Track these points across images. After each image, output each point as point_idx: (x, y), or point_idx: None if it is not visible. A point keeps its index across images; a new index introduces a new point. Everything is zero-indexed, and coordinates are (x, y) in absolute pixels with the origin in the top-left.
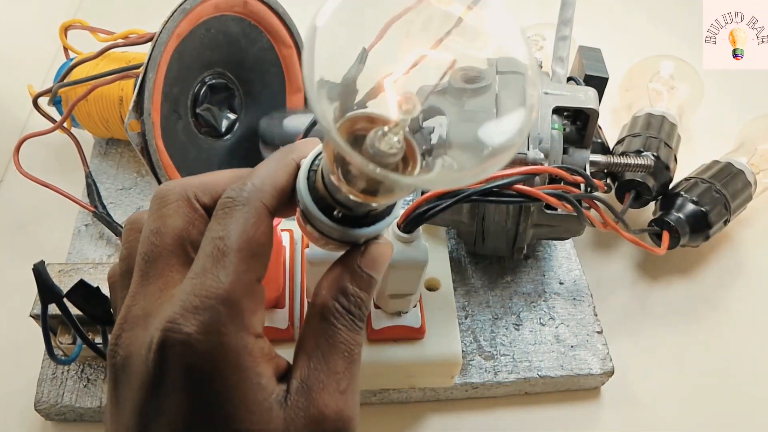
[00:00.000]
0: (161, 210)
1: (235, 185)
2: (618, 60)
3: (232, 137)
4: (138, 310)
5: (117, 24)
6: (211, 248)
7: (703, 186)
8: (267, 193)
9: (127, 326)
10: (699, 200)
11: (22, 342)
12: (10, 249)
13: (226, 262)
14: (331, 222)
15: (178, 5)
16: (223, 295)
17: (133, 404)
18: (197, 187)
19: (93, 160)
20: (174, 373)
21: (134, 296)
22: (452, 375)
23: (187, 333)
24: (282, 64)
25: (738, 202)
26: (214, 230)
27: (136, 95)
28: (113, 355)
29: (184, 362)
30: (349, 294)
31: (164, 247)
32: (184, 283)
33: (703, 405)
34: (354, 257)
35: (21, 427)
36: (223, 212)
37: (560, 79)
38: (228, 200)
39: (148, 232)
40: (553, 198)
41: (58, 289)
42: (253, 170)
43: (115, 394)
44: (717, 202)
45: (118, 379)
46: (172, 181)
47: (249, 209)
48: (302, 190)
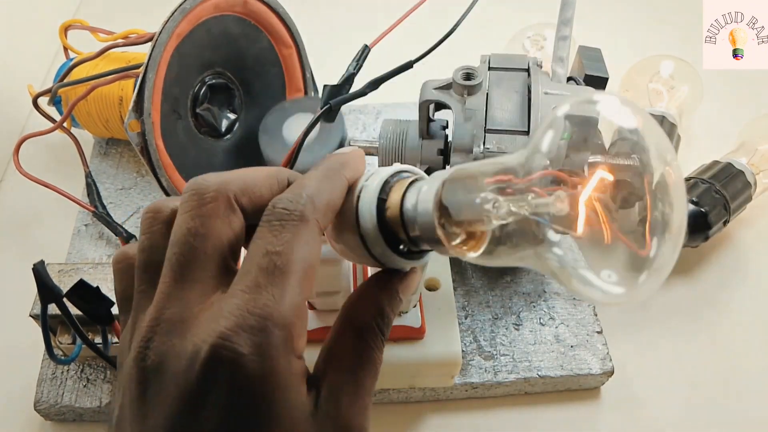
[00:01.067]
0: (201, 209)
1: (289, 195)
2: (618, 60)
3: (232, 137)
4: (173, 315)
5: (117, 24)
6: (266, 263)
7: (703, 186)
8: (321, 212)
9: (161, 330)
10: (699, 201)
11: (21, 342)
12: (10, 249)
13: (282, 281)
14: (396, 255)
15: (178, 5)
16: (278, 318)
17: (166, 413)
18: (237, 186)
19: (93, 160)
20: (220, 391)
21: (168, 298)
22: (452, 375)
23: (241, 353)
24: (282, 64)
25: (738, 202)
26: (269, 243)
27: (136, 95)
28: (142, 358)
29: (233, 382)
30: (385, 316)
31: (203, 251)
32: (235, 295)
33: (702, 405)
34: (394, 282)
35: (21, 427)
36: (279, 224)
37: (560, 79)
38: (284, 212)
39: (185, 230)
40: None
41: (57, 289)
42: (304, 180)
43: (142, 398)
44: (717, 202)
45: (148, 384)
46: (209, 177)
47: (306, 227)
48: (369, 219)
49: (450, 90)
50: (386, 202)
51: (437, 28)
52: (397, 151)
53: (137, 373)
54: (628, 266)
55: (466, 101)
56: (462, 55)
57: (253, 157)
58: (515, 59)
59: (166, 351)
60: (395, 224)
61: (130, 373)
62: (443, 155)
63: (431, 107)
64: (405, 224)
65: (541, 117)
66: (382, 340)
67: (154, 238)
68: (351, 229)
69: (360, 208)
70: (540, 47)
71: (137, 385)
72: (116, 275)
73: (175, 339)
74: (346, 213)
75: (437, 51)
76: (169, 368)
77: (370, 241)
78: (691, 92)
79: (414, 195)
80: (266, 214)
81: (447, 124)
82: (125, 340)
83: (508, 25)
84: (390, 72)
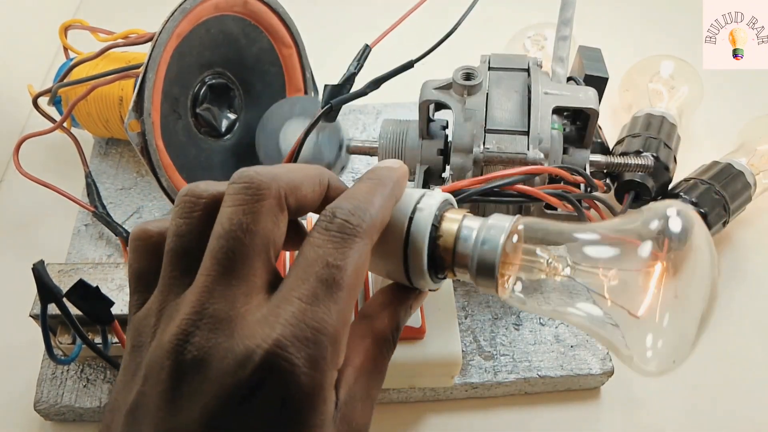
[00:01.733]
0: (254, 204)
1: (350, 207)
2: (618, 60)
3: (232, 137)
4: (218, 311)
5: (117, 24)
6: (326, 275)
7: (703, 187)
8: (377, 230)
9: (204, 326)
10: (698, 201)
11: (21, 342)
12: (9, 249)
13: (338, 296)
14: (431, 281)
15: (178, 5)
16: (331, 333)
17: (205, 410)
18: (287, 186)
19: (93, 160)
20: (268, 398)
21: (211, 293)
22: (452, 375)
23: (295, 364)
24: (282, 64)
25: (737, 203)
26: (331, 255)
27: (135, 95)
28: (180, 351)
29: (282, 391)
30: (400, 329)
31: (252, 249)
32: (292, 302)
33: (702, 405)
34: (409, 298)
35: (20, 427)
36: (341, 237)
37: (560, 79)
38: (347, 225)
39: (235, 225)
40: (554, 198)
41: (57, 289)
42: (360, 192)
43: (175, 391)
44: (716, 203)
45: (183, 378)
46: (261, 170)
47: (365, 245)
48: (420, 244)
49: (450, 90)
50: (438, 230)
51: (437, 28)
52: (397, 151)
53: (172, 365)
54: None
55: (466, 101)
56: (462, 55)
57: (253, 157)
58: (515, 59)
59: (211, 348)
60: (444, 252)
61: (161, 363)
62: (443, 155)
63: (431, 107)
64: (455, 254)
65: (541, 116)
66: (393, 351)
67: (194, 224)
68: (394, 247)
69: (413, 232)
70: (540, 47)
71: (170, 377)
72: (133, 252)
73: (221, 337)
74: (391, 230)
75: (437, 51)
76: (212, 366)
77: (412, 262)
78: (691, 92)
79: (474, 230)
80: (324, 220)
81: (447, 124)
82: (148, 323)
83: (508, 25)
84: (391, 72)
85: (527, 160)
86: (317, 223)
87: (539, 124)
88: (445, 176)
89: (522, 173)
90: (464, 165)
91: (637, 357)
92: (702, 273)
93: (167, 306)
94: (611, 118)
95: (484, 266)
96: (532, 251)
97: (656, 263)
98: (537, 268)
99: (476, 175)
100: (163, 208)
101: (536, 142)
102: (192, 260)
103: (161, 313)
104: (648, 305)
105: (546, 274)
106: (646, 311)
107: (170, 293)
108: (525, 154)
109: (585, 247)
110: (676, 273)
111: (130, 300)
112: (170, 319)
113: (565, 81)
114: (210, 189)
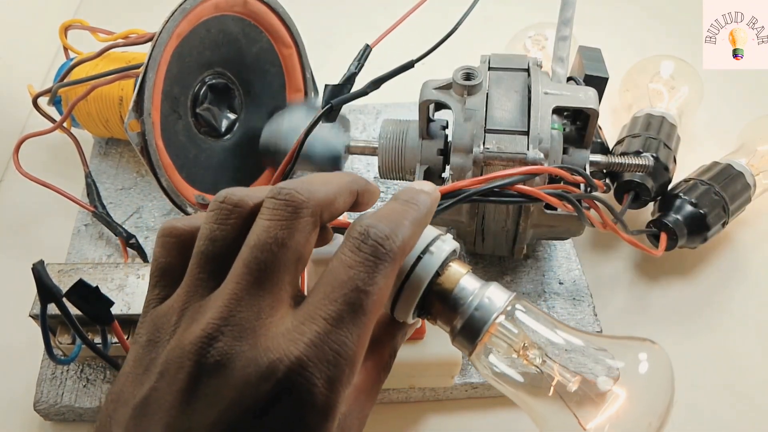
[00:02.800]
0: (292, 221)
1: (386, 230)
2: (618, 60)
3: (232, 137)
4: (244, 320)
5: (117, 24)
6: (354, 299)
7: (703, 188)
8: (405, 256)
9: (229, 332)
10: (698, 202)
11: (21, 342)
12: (9, 249)
13: (362, 321)
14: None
15: (178, 5)
16: (351, 356)
17: (221, 415)
18: (323, 202)
19: (93, 160)
20: (285, 413)
21: (240, 301)
22: (452, 375)
23: (314, 384)
24: (282, 64)
25: (737, 204)
26: (361, 279)
27: (136, 95)
28: (203, 353)
29: (300, 409)
30: (395, 355)
31: (284, 263)
32: (317, 322)
33: (702, 405)
34: (406, 326)
35: (20, 426)
36: (373, 260)
37: (560, 79)
38: (381, 250)
39: (271, 239)
40: (554, 198)
41: (57, 289)
42: (395, 213)
43: (192, 391)
44: (716, 204)
45: (201, 380)
46: (301, 187)
47: (394, 270)
48: (420, 283)
49: (450, 90)
50: (440, 276)
51: (437, 28)
52: (397, 151)
53: (193, 366)
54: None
55: (466, 101)
56: (462, 55)
57: (252, 157)
58: (515, 59)
59: (234, 355)
60: (435, 296)
61: (180, 362)
62: (443, 155)
63: (431, 107)
64: (448, 303)
65: (541, 116)
66: (388, 374)
67: (228, 231)
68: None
69: (417, 271)
70: (541, 47)
71: (188, 377)
72: (161, 247)
73: (245, 345)
74: None
75: (437, 51)
76: (233, 373)
77: (405, 295)
78: (692, 93)
79: (472, 293)
80: (358, 238)
81: (447, 124)
82: (169, 320)
83: (508, 25)
84: (391, 72)
85: (527, 160)
86: (349, 239)
87: (539, 124)
88: (445, 176)
89: (522, 173)
90: (464, 165)
91: None
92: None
93: (190, 306)
94: (611, 118)
95: (470, 329)
96: (513, 332)
97: (616, 391)
98: (513, 348)
99: (476, 175)
100: (163, 208)
101: (536, 142)
102: (220, 265)
103: (183, 312)
104: (598, 423)
105: (519, 356)
106: (595, 427)
107: (195, 294)
108: (525, 154)
109: (563, 349)
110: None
111: (150, 293)
112: (193, 320)
113: (565, 81)
114: (246, 198)
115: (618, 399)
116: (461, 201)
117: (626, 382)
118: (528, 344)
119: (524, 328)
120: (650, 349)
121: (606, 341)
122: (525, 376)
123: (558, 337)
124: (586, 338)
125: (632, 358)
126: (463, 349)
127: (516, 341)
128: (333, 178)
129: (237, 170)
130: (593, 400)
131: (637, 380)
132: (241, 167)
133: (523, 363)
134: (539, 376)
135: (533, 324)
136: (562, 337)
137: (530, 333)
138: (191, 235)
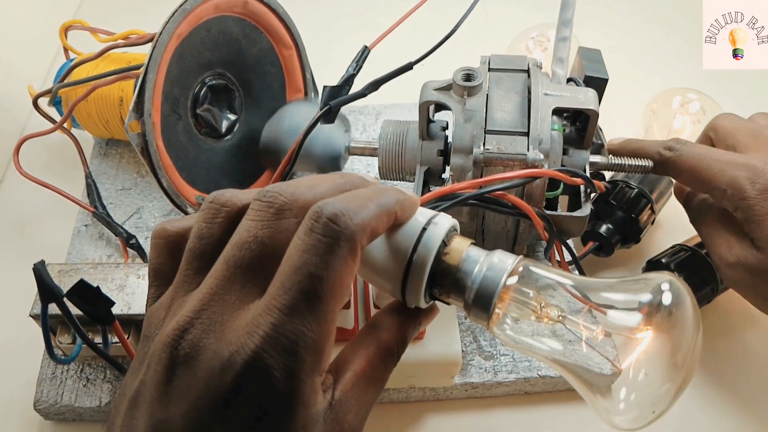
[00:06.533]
0: (274, 222)
1: (341, 207)
2: (618, 60)
3: (232, 138)
4: (216, 314)
5: (117, 24)
6: (308, 286)
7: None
8: (366, 236)
9: (200, 325)
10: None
11: (21, 342)
12: (10, 249)
13: (320, 308)
14: (423, 299)
15: (179, 6)
16: (310, 344)
17: (192, 406)
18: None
19: (93, 161)
20: (248, 403)
21: (214, 296)
22: (452, 375)
23: (272, 374)
24: (282, 65)
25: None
26: (314, 264)
27: (136, 96)
28: (176, 346)
29: (260, 399)
30: (406, 344)
31: (263, 262)
32: (272, 313)
33: (702, 405)
34: (420, 314)
35: (20, 426)
36: (325, 243)
37: (560, 80)
38: (334, 228)
39: (252, 237)
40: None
41: (58, 289)
42: (362, 198)
43: (167, 383)
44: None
45: (174, 372)
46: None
47: (352, 251)
48: (426, 256)
49: (450, 91)
50: (447, 246)
51: (437, 29)
52: (397, 152)
53: (167, 358)
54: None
55: (466, 102)
56: (462, 56)
57: (253, 157)
58: (515, 60)
59: (201, 347)
60: (446, 270)
61: (159, 355)
62: (443, 156)
63: (431, 108)
64: (457, 275)
65: (541, 117)
66: (395, 363)
67: (214, 229)
68: (400, 256)
69: (421, 244)
70: (544, 48)
71: (164, 369)
72: (153, 249)
73: (211, 338)
74: (400, 238)
75: (437, 52)
76: (200, 365)
77: (413, 274)
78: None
79: (478, 258)
80: (311, 218)
81: (447, 125)
82: (158, 316)
83: (507, 26)
84: (390, 73)
85: (527, 161)
86: (304, 222)
87: (539, 125)
88: (445, 177)
89: (521, 176)
90: (464, 166)
91: (612, 407)
92: (687, 343)
93: (175, 302)
94: (611, 119)
95: (483, 296)
96: (528, 294)
97: (644, 330)
98: (530, 310)
99: (476, 176)
100: (163, 209)
101: (536, 143)
102: (206, 262)
103: (170, 308)
104: (630, 362)
105: (537, 318)
106: (628, 366)
107: (181, 290)
108: (525, 155)
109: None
110: (662, 337)
111: (148, 293)
112: (174, 314)
113: (565, 82)
114: (236, 200)
115: (649, 334)
116: (458, 204)
117: (653, 316)
118: (545, 304)
119: (538, 286)
120: (669, 280)
121: (622, 283)
122: (550, 336)
123: (575, 288)
124: (604, 283)
125: (655, 290)
126: (480, 320)
127: (532, 302)
128: (321, 180)
129: (237, 171)
130: (626, 338)
131: (663, 313)
132: (241, 168)
133: (546, 323)
134: (564, 333)
135: (547, 280)
136: (579, 286)
137: (545, 292)
138: (181, 237)
